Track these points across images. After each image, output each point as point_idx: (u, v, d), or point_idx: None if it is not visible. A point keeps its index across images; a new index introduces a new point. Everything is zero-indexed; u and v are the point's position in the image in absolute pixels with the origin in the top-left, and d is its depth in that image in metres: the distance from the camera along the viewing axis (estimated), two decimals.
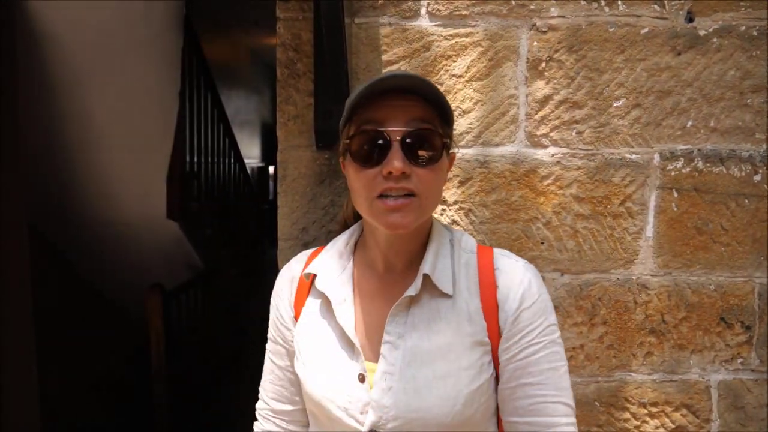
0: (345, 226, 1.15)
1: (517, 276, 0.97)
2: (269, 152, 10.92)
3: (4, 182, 2.10)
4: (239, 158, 5.37)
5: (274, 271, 1.20)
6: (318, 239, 1.44)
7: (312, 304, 1.03)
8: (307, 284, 1.05)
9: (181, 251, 3.86)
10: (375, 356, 0.94)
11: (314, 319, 1.01)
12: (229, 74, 7.27)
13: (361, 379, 0.92)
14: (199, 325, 4.24)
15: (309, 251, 1.13)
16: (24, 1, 2.38)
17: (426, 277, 0.95)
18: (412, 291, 0.94)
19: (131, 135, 3.08)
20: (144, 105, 3.05)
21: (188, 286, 3.99)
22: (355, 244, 1.07)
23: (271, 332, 1.11)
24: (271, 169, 10.75)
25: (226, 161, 5.02)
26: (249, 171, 5.82)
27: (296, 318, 1.05)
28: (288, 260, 1.42)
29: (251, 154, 8.68)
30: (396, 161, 0.88)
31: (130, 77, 2.89)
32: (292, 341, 1.05)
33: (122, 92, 2.90)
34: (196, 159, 4.22)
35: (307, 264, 1.08)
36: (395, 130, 0.89)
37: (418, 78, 0.91)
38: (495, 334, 0.94)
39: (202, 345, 4.22)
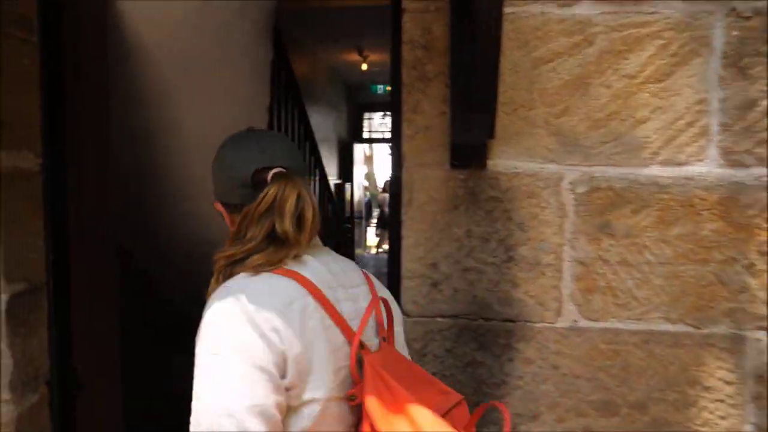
0: None
1: None
2: (345, 170, 11.01)
3: (93, 201, 2.00)
4: (324, 177, 5.24)
5: None
6: (451, 278, 1.17)
7: None
8: None
9: None
10: None
11: None
12: (308, 90, 7.24)
13: None
14: None
15: None
16: (117, 15, 2.31)
17: None
18: None
19: None
20: (233, 119, 2.92)
21: None
22: None
23: None
24: (347, 186, 10.86)
25: (312, 179, 4.89)
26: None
27: None
28: (415, 302, 1.18)
29: (329, 171, 8.69)
30: None
31: (219, 90, 2.78)
32: None
33: (212, 105, 2.78)
34: None
35: None
36: None
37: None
38: None
39: None
